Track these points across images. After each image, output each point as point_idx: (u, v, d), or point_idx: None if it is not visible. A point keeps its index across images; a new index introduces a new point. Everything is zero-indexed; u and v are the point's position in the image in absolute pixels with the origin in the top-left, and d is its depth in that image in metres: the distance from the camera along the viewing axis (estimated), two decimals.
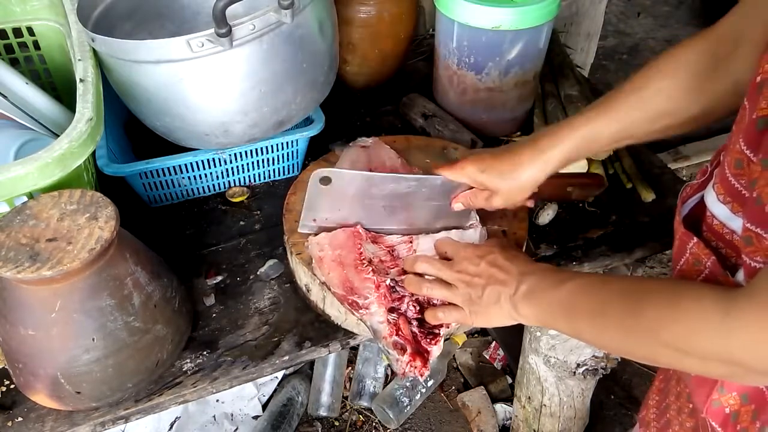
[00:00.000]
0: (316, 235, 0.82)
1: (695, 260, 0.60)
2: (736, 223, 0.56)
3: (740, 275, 0.54)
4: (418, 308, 0.76)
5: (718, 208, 0.58)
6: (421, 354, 0.73)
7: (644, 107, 0.68)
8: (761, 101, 0.49)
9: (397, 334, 0.73)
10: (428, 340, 0.74)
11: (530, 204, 0.82)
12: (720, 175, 0.57)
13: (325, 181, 0.78)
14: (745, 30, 0.59)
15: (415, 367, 0.72)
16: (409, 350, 0.72)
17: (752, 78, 0.50)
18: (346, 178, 0.79)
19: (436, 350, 0.74)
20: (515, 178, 0.74)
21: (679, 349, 0.50)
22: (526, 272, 0.68)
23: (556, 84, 1.21)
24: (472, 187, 0.81)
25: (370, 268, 0.77)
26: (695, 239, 0.59)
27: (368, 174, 0.80)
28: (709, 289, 0.50)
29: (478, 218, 0.86)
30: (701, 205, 0.62)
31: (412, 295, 0.76)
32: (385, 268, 0.79)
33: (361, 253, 0.79)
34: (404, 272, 0.78)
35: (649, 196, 1.00)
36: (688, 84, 0.65)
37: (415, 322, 0.75)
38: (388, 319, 0.74)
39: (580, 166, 1.02)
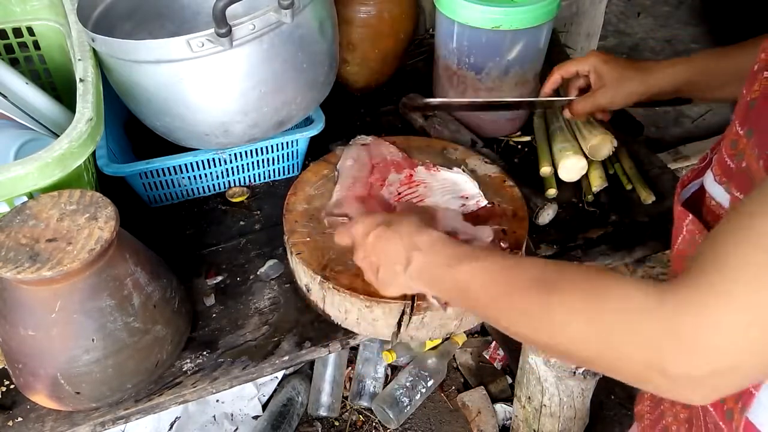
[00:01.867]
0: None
1: (691, 237, 0.61)
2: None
3: None
4: None
5: (715, 188, 0.59)
6: None
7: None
8: (755, 84, 0.51)
9: None
10: None
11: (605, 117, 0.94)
12: (718, 157, 0.58)
13: None
14: None
15: None
16: None
17: (751, 66, 0.52)
18: None
19: None
20: (631, 77, 0.85)
21: (602, 333, 0.45)
22: (413, 246, 0.62)
23: None
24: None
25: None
26: (690, 216, 0.60)
27: None
28: (635, 281, 0.46)
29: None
30: (701, 190, 0.63)
31: None
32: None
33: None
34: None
35: (649, 198, 1.00)
36: None
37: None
38: None
39: (580, 167, 1.02)
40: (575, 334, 0.46)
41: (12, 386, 0.76)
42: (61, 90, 1.09)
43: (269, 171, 1.04)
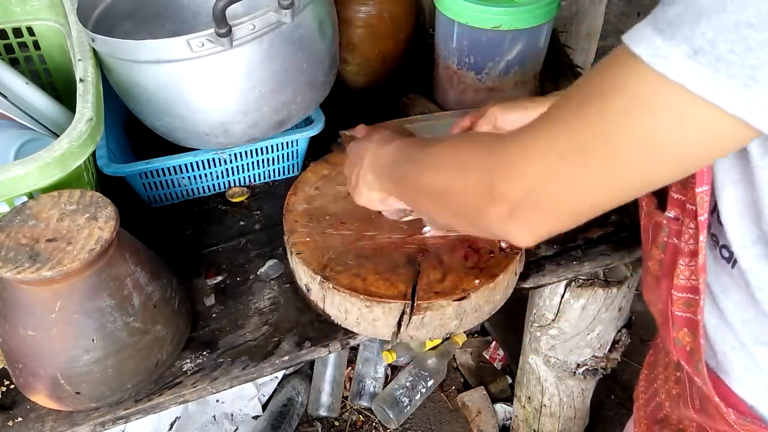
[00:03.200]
0: None
1: (647, 211, 0.69)
2: None
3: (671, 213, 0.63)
4: None
5: None
6: None
7: None
8: None
9: None
10: None
11: None
12: None
13: None
14: None
15: None
16: None
17: None
18: None
19: None
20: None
21: (456, 169, 0.55)
22: (372, 151, 0.72)
23: (556, 84, 1.21)
24: None
25: None
26: None
27: None
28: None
29: None
30: None
31: None
32: None
33: None
34: None
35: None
36: None
37: None
38: None
39: None
40: (439, 177, 0.58)
41: (12, 386, 0.76)
42: (61, 90, 1.09)
43: (269, 171, 1.04)
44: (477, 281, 0.77)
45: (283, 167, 1.05)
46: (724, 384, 0.60)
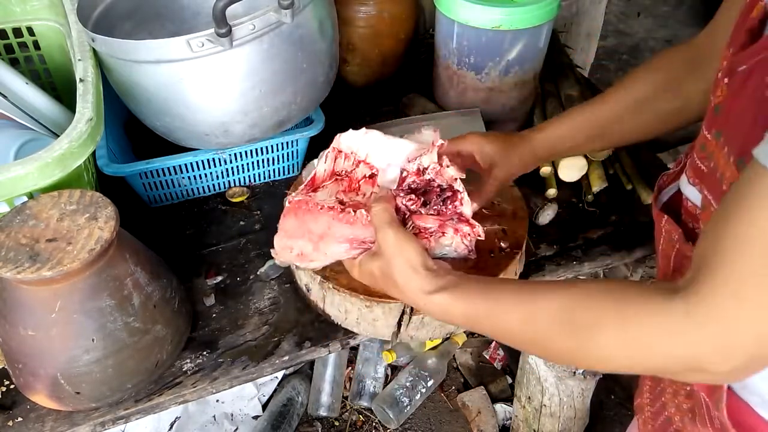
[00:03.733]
0: None
1: (669, 237, 0.65)
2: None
3: None
4: (414, 198, 0.74)
5: (689, 190, 0.62)
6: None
7: (626, 101, 0.77)
8: (717, 90, 0.54)
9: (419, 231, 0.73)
10: (453, 206, 0.74)
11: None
12: (690, 161, 0.62)
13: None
14: (718, 43, 0.65)
15: (468, 234, 0.74)
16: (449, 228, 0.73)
17: (715, 74, 0.56)
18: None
19: (466, 208, 0.74)
20: (509, 157, 0.80)
21: (631, 356, 0.48)
22: (423, 304, 0.62)
23: (556, 84, 1.21)
24: None
25: (349, 210, 0.72)
26: (666, 217, 0.65)
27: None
28: (653, 291, 0.48)
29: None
30: (679, 193, 0.67)
31: (402, 191, 0.75)
32: (353, 192, 0.78)
33: (328, 207, 0.73)
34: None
35: (648, 198, 1.00)
36: (665, 84, 0.74)
37: (422, 209, 0.74)
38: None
39: (580, 167, 1.02)
40: (616, 361, 0.50)
41: (12, 386, 0.76)
42: (61, 90, 1.09)
43: (269, 171, 1.04)
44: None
45: (283, 167, 1.05)
46: (748, 407, 0.58)
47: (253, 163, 1.01)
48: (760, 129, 0.41)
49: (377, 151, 0.78)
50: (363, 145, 0.79)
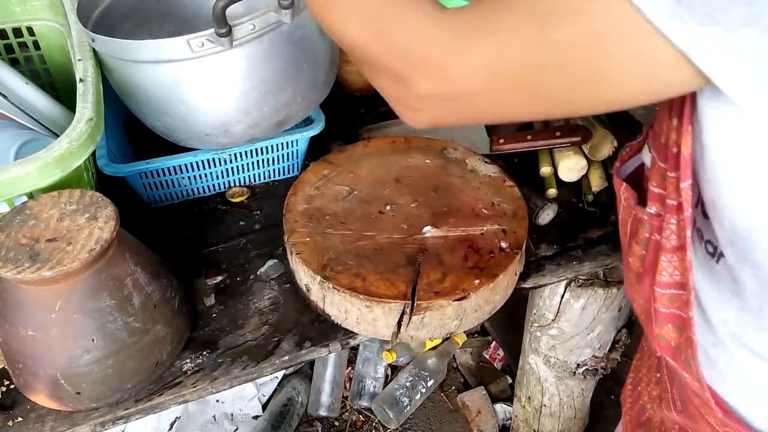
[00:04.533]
0: None
1: (627, 204, 0.66)
2: None
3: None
4: None
5: (647, 157, 0.64)
6: None
7: None
8: None
9: None
10: None
11: None
12: (651, 132, 0.62)
13: None
14: None
15: None
16: None
17: None
18: None
19: None
20: None
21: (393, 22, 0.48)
22: None
23: None
24: None
25: None
26: (624, 184, 0.66)
27: None
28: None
29: None
30: (642, 165, 0.68)
31: None
32: None
33: None
34: None
35: None
36: None
37: None
38: None
39: (580, 167, 1.02)
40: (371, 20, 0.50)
41: (12, 386, 0.76)
42: (61, 90, 1.09)
43: (269, 171, 1.04)
44: (477, 281, 0.77)
45: (283, 167, 1.05)
46: (704, 382, 0.59)
47: (253, 163, 1.01)
48: None
49: None
50: None
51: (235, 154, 0.97)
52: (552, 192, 1.01)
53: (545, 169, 1.03)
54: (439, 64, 0.45)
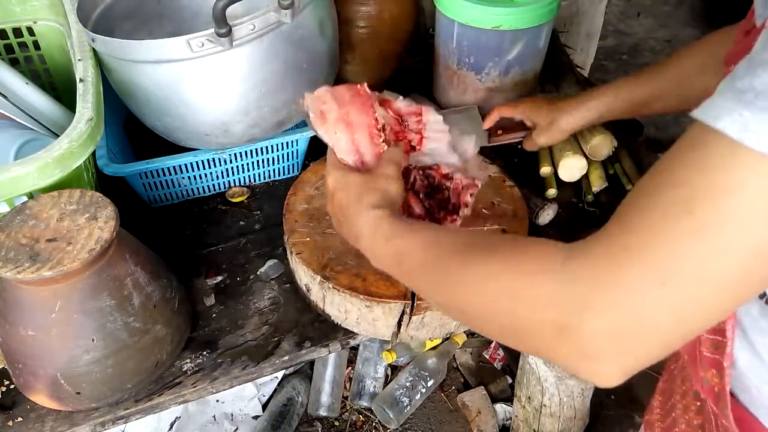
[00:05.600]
0: None
1: None
2: None
3: None
4: (426, 182, 0.71)
5: None
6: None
7: (677, 78, 0.81)
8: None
9: (408, 213, 0.71)
10: (444, 215, 0.73)
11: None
12: None
13: None
14: None
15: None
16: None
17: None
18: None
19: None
20: (557, 120, 0.91)
21: (512, 296, 0.43)
22: (362, 223, 0.62)
23: (556, 84, 1.21)
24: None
25: (383, 137, 0.70)
26: None
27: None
28: (553, 242, 0.45)
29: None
30: None
31: (420, 169, 0.72)
32: (394, 139, 0.73)
33: (376, 118, 0.71)
34: (411, 148, 0.74)
35: None
36: (716, 66, 0.72)
37: (424, 196, 0.74)
38: None
39: (580, 167, 1.02)
40: (488, 296, 0.45)
41: (12, 386, 0.76)
42: (61, 90, 1.09)
43: (269, 171, 1.04)
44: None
45: (283, 167, 1.05)
46: (756, 421, 0.56)
47: (253, 163, 1.01)
48: None
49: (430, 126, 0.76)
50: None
51: (235, 154, 0.97)
52: (552, 192, 1.01)
53: (545, 169, 1.03)
54: (597, 303, 0.39)
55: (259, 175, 1.04)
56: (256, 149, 0.98)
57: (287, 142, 0.99)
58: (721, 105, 0.35)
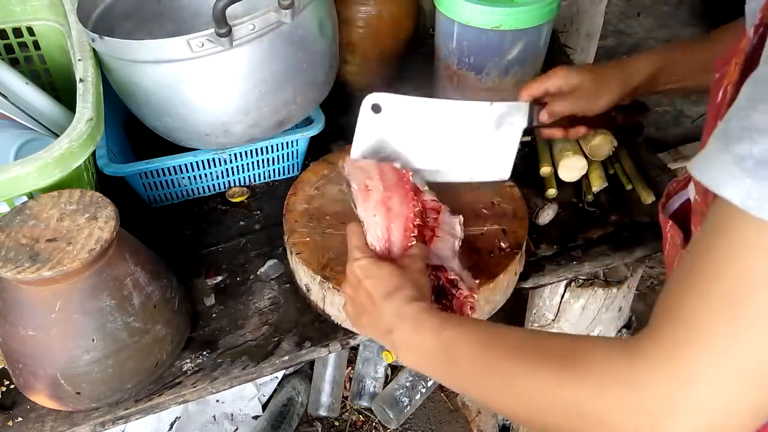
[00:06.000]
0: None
1: (673, 242, 0.64)
2: None
3: None
4: (435, 283, 0.71)
5: (693, 194, 0.62)
6: None
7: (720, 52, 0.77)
8: (722, 110, 0.53)
9: None
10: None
11: (583, 131, 0.92)
12: None
13: (377, 108, 0.74)
14: None
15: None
16: None
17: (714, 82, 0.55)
18: (398, 104, 0.73)
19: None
20: (601, 86, 0.84)
21: (582, 412, 0.43)
22: (400, 316, 0.60)
23: None
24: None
25: (415, 232, 0.71)
26: (670, 222, 0.64)
27: (422, 100, 0.75)
28: (605, 344, 0.44)
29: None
30: (689, 201, 0.66)
31: (432, 269, 0.72)
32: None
33: (414, 213, 0.72)
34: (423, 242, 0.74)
35: (649, 198, 1.00)
36: None
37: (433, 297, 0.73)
38: None
39: (580, 167, 1.02)
40: (550, 404, 0.45)
41: (12, 386, 0.76)
42: (61, 90, 1.08)
43: (269, 171, 1.04)
44: (477, 281, 0.77)
45: (283, 167, 1.05)
46: None
47: (253, 163, 1.01)
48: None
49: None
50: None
51: (235, 154, 0.97)
52: (552, 192, 1.01)
53: (545, 169, 1.03)
54: (665, 405, 0.38)
55: (259, 175, 1.04)
56: (256, 149, 0.98)
57: (287, 142, 0.99)
58: (721, 168, 0.36)
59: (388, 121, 0.76)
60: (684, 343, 0.38)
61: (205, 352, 0.80)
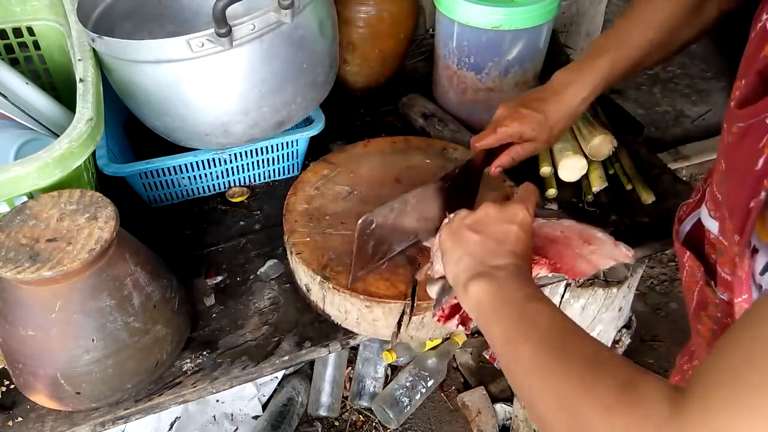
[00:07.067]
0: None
1: (691, 271, 0.64)
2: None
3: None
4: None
5: (710, 222, 0.61)
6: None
7: (646, 35, 0.76)
8: (730, 126, 0.52)
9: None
10: None
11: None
12: (710, 192, 0.61)
13: (371, 224, 0.73)
14: None
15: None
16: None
17: (728, 101, 0.54)
18: (384, 212, 0.74)
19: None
20: (548, 118, 0.80)
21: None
22: (488, 267, 0.59)
23: None
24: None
25: None
26: (688, 253, 0.64)
27: (401, 198, 0.75)
28: (662, 384, 0.45)
29: None
30: (701, 222, 0.66)
31: None
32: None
33: None
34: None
35: (648, 198, 1.00)
36: (680, 16, 0.74)
37: None
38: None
39: (580, 167, 1.02)
40: (585, 415, 0.45)
41: (12, 386, 0.76)
42: (61, 90, 1.09)
43: (269, 171, 1.04)
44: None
45: (283, 167, 1.05)
46: None
47: (253, 163, 1.01)
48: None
49: None
50: None
51: (235, 154, 0.97)
52: (552, 192, 1.01)
53: (545, 169, 1.03)
54: None
55: (259, 175, 1.04)
56: (256, 149, 0.98)
57: (287, 142, 0.99)
58: None
59: (381, 226, 0.75)
60: (727, 413, 0.39)
61: (205, 352, 0.80)
